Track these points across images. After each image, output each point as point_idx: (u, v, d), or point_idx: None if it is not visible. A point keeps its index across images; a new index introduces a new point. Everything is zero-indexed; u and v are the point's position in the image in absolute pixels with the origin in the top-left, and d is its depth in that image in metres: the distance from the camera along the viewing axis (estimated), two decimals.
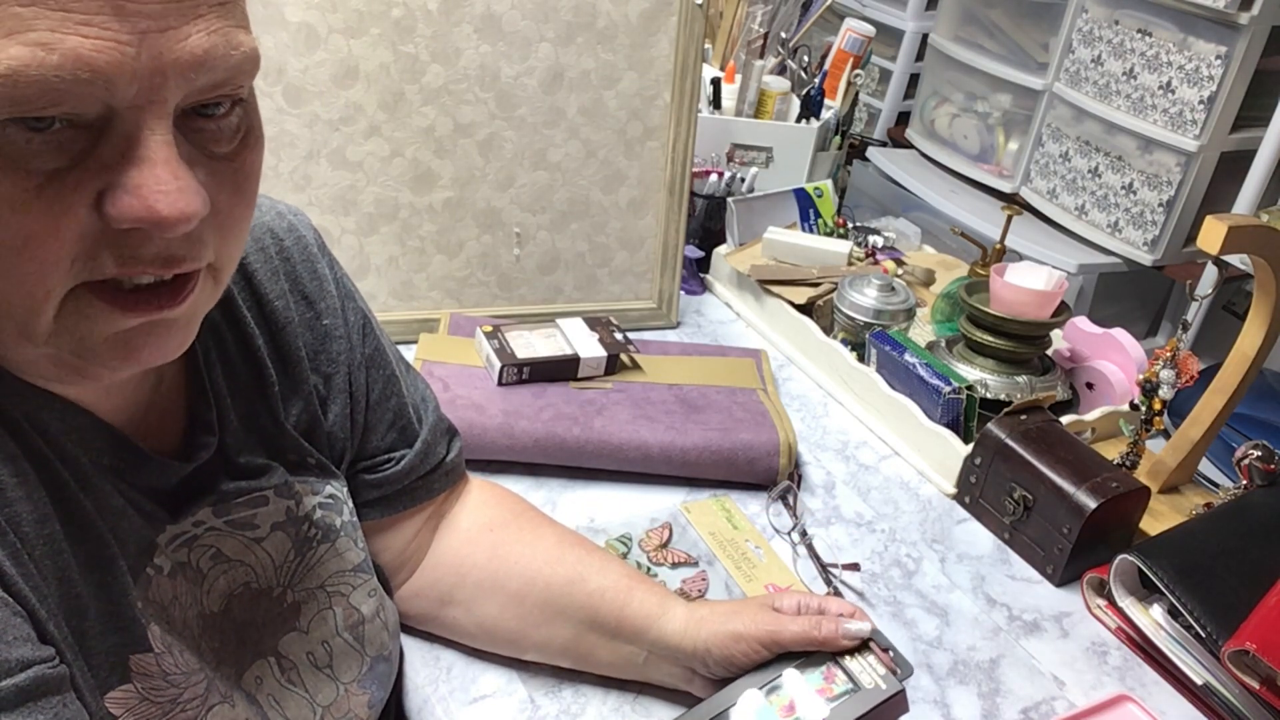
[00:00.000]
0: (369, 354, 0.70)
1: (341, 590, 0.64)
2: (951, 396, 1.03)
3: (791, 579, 0.89)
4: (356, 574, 0.65)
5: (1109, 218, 1.93)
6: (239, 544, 0.59)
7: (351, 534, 0.66)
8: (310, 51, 1.03)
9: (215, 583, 0.58)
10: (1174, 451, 1.01)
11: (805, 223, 1.38)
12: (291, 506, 0.62)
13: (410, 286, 1.14)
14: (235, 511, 0.59)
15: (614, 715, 0.74)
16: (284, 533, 0.61)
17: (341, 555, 0.64)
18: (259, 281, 0.62)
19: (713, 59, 1.57)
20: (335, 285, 0.67)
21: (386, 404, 0.71)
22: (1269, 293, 0.92)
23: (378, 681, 0.66)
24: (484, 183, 1.13)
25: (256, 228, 0.64)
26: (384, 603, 0.68)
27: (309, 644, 0.62)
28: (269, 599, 0.60)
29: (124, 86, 0.39)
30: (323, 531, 0.64)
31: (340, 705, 0.63)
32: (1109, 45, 1.86)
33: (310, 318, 0.65)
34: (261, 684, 0.59)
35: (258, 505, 0.60)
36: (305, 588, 0.62)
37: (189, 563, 0.56)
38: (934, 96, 2.27)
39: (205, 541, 0.57)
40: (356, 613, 0.65)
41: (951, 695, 0.80)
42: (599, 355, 1.04)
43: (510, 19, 1.08)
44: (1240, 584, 0.80)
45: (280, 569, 0.61)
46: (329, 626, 0.63)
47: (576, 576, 0.73)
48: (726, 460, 0.97)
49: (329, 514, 0.64)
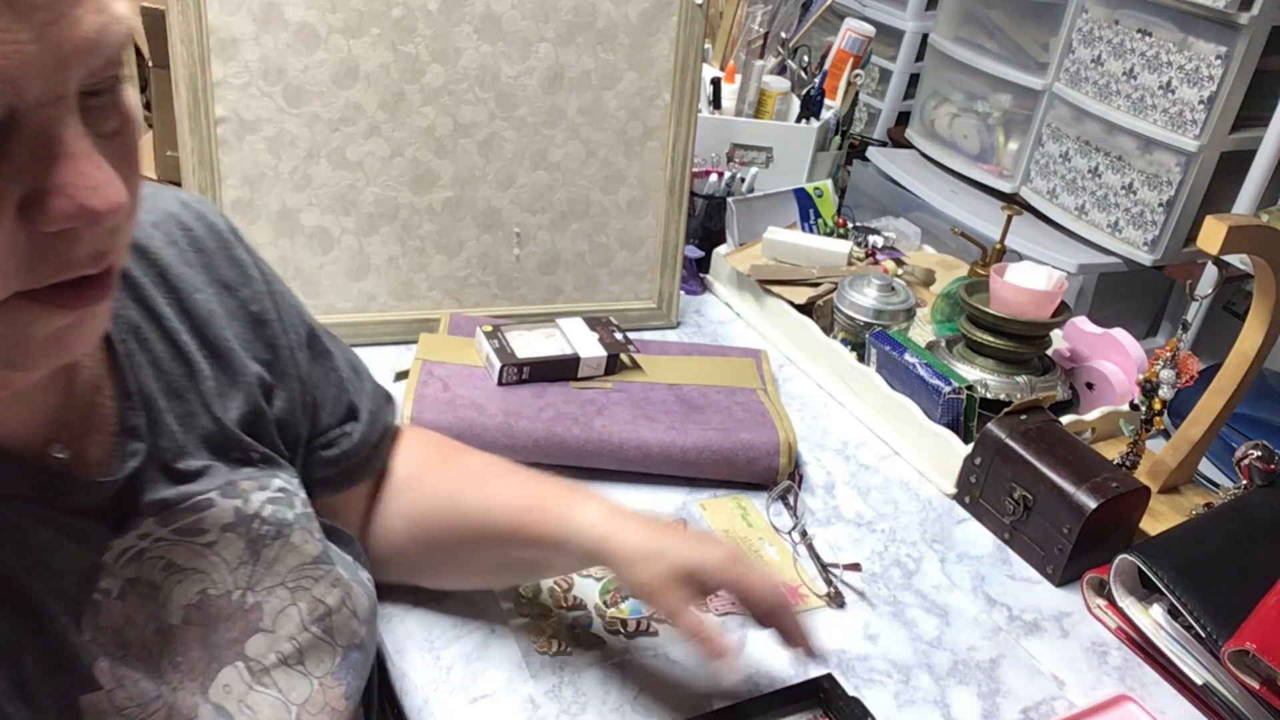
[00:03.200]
0: (304, 335, 0.68)
1: (304, 585, 0.62)
2: (951, 396, 1.03)
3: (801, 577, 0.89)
4: (317, 566, 0.64)
5: (1109, 218, 1.93)
6: (190, 551, 0.57)
7: (306, 525, 0.64)
8: (310, 51, 1.03)
9: (171, 594, 0.56)
10: (1174, 451, 1.01)
11: (805, 223, 1.38)
12: (239, 506, 0.60)
13: (410, 286, 1.14)
14: (180, 519, 0.57)
15: (614, 715, 0.74)
16: (235, 534, 0.59)
17: (298, 549, 0.63)
18: (174, 276, 0.60)
19: (713, 59, 1.57)
20: (257, 269, 0.65)
21: (328, 380, 0.70)
22: (1269, 293, 0.92)
23: (353, 671, 0.64)
24: (484, 183, 1.13)
25: (163, 220, 0.61)
26: (350, 590, 0.66)
27: (277, 643, 0.60)
28: (229, 603, 0.59)
29: (31, 86, 0.37)
30: (275, 527, 0.62)
31: (315, 700, 0.62)
32: (1109, 45, 1.86)
33: (235, 306, 0.63)
34: (231, 691, 0.58)
35: (203, 509, 0.58)
36: (265, 587, 0.61)
37: (140, 577, 0.55)
38: (934, 96, 2.27)
39: (154, 554, 0.55)
40: (322, 605, 0.63)
41: (951, 695, 0.80)
42: (599, 355, 1.04)
43: (510, 19, 1.08)
44: (1240, 584, 0.80)
45: (237, 571, 0.59)
46: (295, 623, 0.61)
47: (488, 501, 0.74)
48: (727, 460, 0.97)
49: (280, 509, 0.62)
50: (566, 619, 0.81)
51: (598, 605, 0.83)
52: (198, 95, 1.00)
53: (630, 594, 0.76)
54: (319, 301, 1.11)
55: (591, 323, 1.09)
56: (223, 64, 1.01)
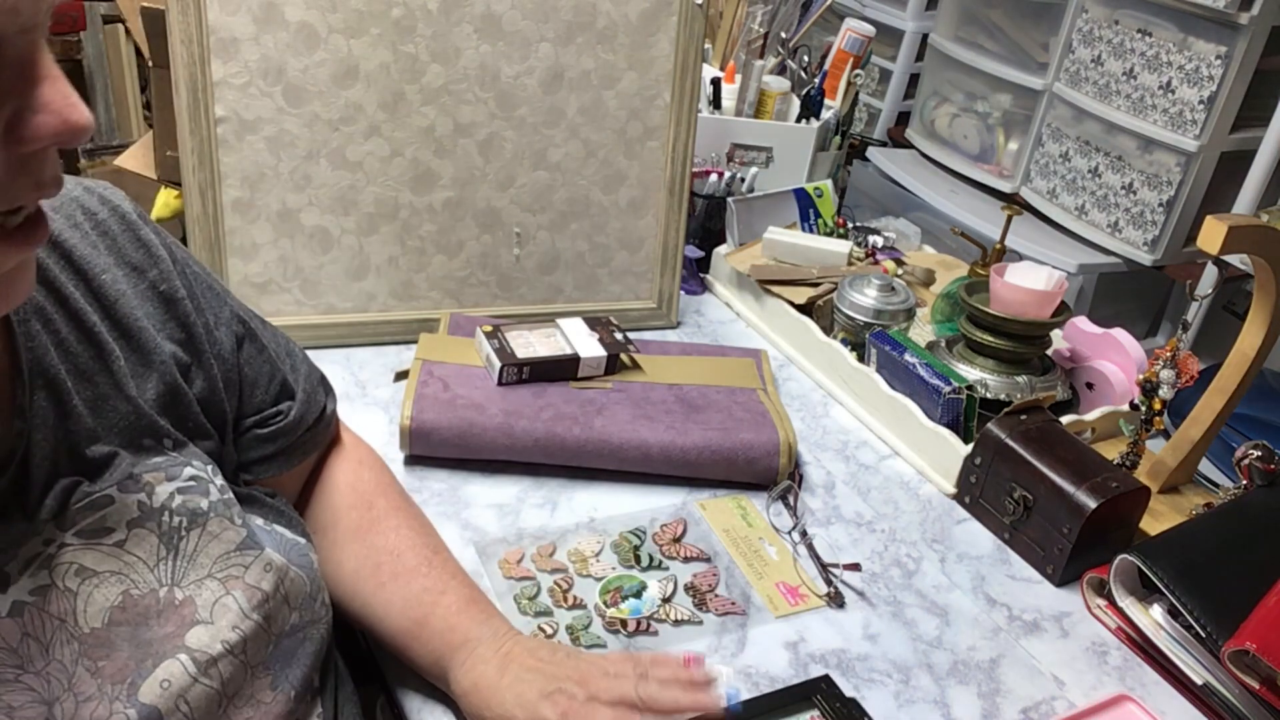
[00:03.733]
0: (223, 314, 0.68)
1: (233, 573, 0.61)
2: (951, 396, 1.03)
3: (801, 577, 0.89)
4: (243, 553, 0.62)
5: (1109, 218, 1.93)
6: (100, 554, 0.55)
7: (224, 512, 0.62)
8: (310, 51, 1.03)
9: (91, 598, 0.54)
10: (1174, 451, 1.01)
11: (805, 223, 1.38)
12: (143, 500, 0.58)
13: (410, 286, 1.14)
14: (80, 519, 0.55)
15: None
16: (144, 529, 0.57)
17: (219, 537, 0.61)
18: (79, 257, 0.59)
19: (713, 59, 1.57)
20: (165, 249, 0.64)
21: (260, 359, 0.70)
22: (1269, 293, 0.92)
23: (282, 659, 0.63)
24: (484, 183, 1.13)
25: (64, 204, 0.61)
26: (286, 574, 0.64)
27: (220, 633, 0.59)
28: (156, 601, 0.57)
29: (19, 14, 0.40)
30: (187, 518, 0.60)
31: (244, 692, 0.61)
32: (1109, 45, 1.86)
33: (144, 287, 0.63)
34: (171, 685, 0.56)
35: (102, 507, 0.56)
36: (192, 580, 0.59)
37: (54, 584, 0.53)
38: (934, 96, 2.27)
39: (64, 559, 0.54)
40: (258, 591, 0.62)
41: (951, 695, 0.80)
42: (599, 355, 1.04)
43: (510, 19, 1.08)
44: (1240, 584, 0.80)
45: (157, 569, 0.58)
46: (235, 612, 0.60)
47: (378, 607, 0.73)
48: (727, 460, 0.97)
49: (192, 498, 0.60)
50: (566, 619, 0.81)
51: (598, 605, 0.83)
52: (198, 95, 1.01)
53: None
54: (319, 301, 1.11)
55: (591, 323, 1.09)
56: (223, 64, 1.01)
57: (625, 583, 0.86)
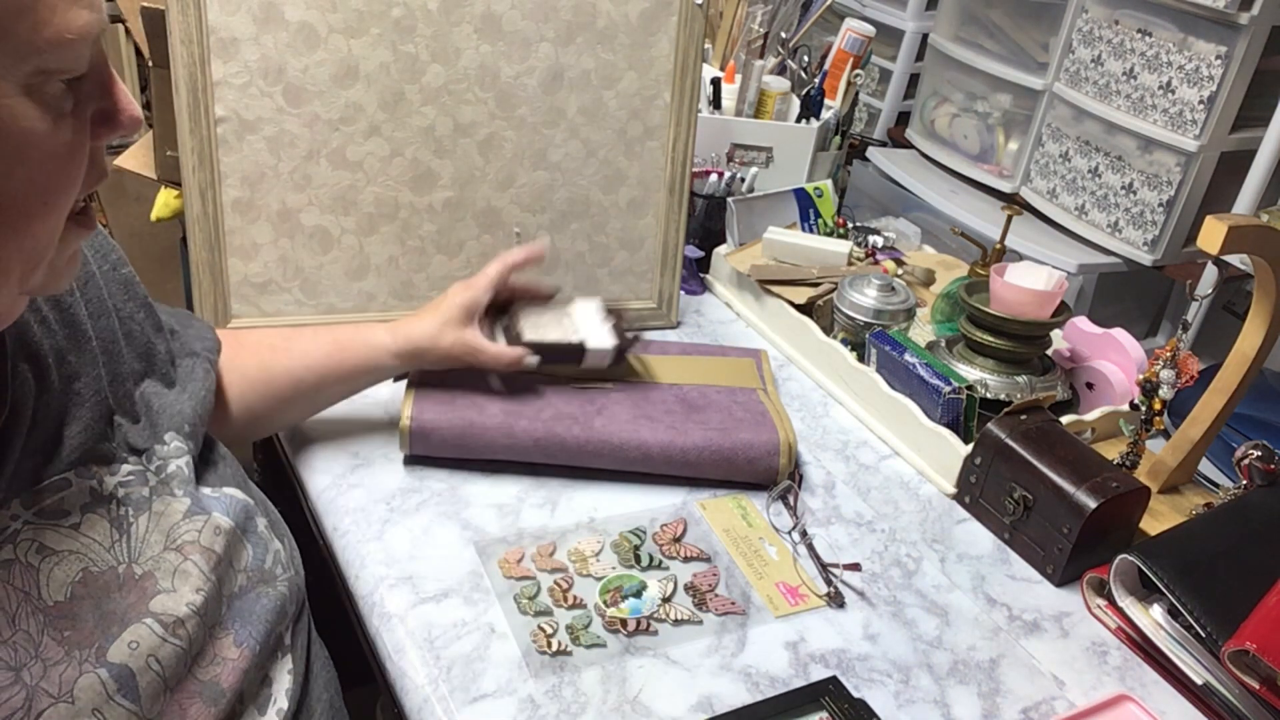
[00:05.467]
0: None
1: (186, 539, 0.63)
2: (951, 396, 1.03)
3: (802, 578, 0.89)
4: (191, 519, 0.64)
5: (1109, 218, 1.93)
6: (58, 534, 0.58)
7: (164, 491, 0.64)
8: (310, 51, 1.03)
9: (51, 573, 0.57)
10: (1174, 451, 1.01)
11: (805, 223, 1.38)
12: (94, 486, 0.60)
13: (410, 286, 1.14)
14: (41, 499, 0.58)
15: (614, 715, 0.74)
16: (96, 514, 0.60)
17: (164, 513, 0.63)
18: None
19: (713, 59, 1.57)
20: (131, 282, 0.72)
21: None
22: (1269, 293, 0.92)
23: (240, 619, 0.65)
24: (484, 183, 1.13)
25: None
26: (235, 537, 0.67)
27: (184, 595, 0.61)
28: (116, 577, 0.59)
29: (98, 22, 0.48)
30: (133, 507, 0.62)
31: (207, 652, 0.62)
32: (1109, 45, 1.86)
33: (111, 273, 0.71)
34: (139, 646, 0.58)
35: (61, 489, 0.59)
36: (149, 557, 0.61)
37: (16, 558, 0.55)
38: (934, 96, 2.27)
39: (26, 535, 0.56)
40: (212, 553, 0.64)
41: (951, 695, 0.80)
42: (606, 347, 1.02)
43: (510, 19, 1.08)
44: (1240, 584, 0.80)
45: (113, 549, 0.60)
46: (196, 574, 0.62)
47: (294, 360, 0.90)
48: (727, 460, 0.97)
49: (132, 488, 0.63)
50: (566, 619, 0.82)
51: (598, 605, 0.83)
52: (198, 95, 1.01)
53: (446, 362, 0.95)
54: (319, 301, 1.11)
55: (607, 311, 1.07)
56: (223, 64, 1.01)
57: (625, 582, 0.86)
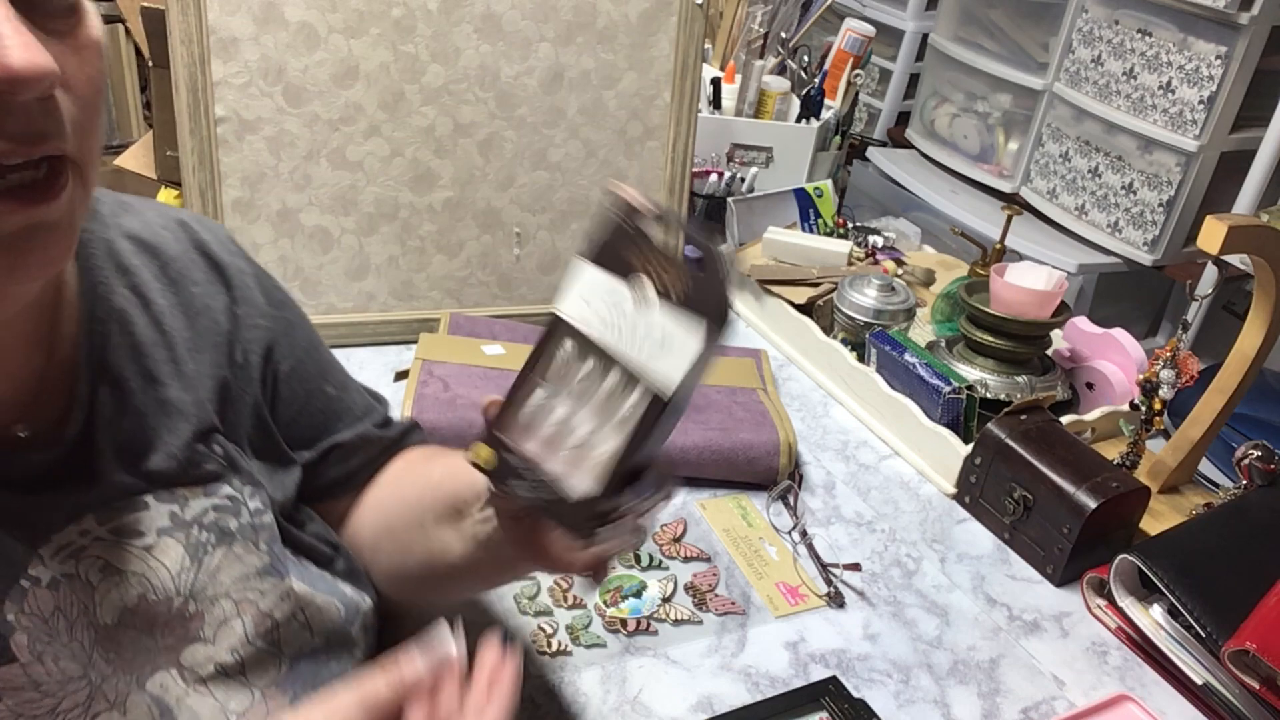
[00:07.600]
0: (308, 343, 0.69)
1: (249, 598, 0.60)
2: (951, 396, 1.03)
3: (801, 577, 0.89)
4: (263, 578, 0.61)
5: (1109, 218, 1.93)
6: (127, 554, 0.56)
7: (250, 536, 0.61)
8: (310, 51, 1.03)
9: (108, 595, 0.55)
10: (1174, 451, 1.01)
11: (805, 223, 1.38)
12: (175, 511, 0.58)
13: (410, 286, 1.14)
14: (118, 517, 0.55)
15: (614, 715, 0.74)
16: (172, 539, 0.58)
17: (241, 559, 0.60)
18: (176, 270, 0.61)
19: (713, 59, 1.57)
20: (259, 290, 0.66)
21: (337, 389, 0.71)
22: (1269, 293, 0.92)
23: (301, 680, 0.63)
24: (484, 183, 1.13)
25: (171, 224, 0.63)
26: (309, 603, 0.63)
27: (216, 654, 0.59)
28: (169, 610, 0.57)
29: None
30: (215, 535, 0.59)
31: (257, 710, 0.60)
32: (1109, 45, 1.86)
33: (228, 303, 0.64)
34: (168, 690, 0.57)
35: (139, 510, 0.56)
36: (208, 596, 0.59)
37: (77, 574, 0.53)
38: (934, 96, 2.27)
39: (92, 553, 0.54)
40: (269, 619, 0.61)
41: (951, 695, 0.80)
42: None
43: (510, 19, 1.08)
44: (1240, 584, 0.80)
45: (178, 577, 0.58)
46: (239, 636, 0.59)
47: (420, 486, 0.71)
48: (727, 460, 0.97)
49: (223, 516, 0.60)
50: (566, 619, 0.81)
51: (598, 604, 0.83)
52: (198, 95, 1.01)
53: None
54: (319, 301, 1.11)
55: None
56: (223, 64, 1.01)
57: (625, 582, 0.86)
